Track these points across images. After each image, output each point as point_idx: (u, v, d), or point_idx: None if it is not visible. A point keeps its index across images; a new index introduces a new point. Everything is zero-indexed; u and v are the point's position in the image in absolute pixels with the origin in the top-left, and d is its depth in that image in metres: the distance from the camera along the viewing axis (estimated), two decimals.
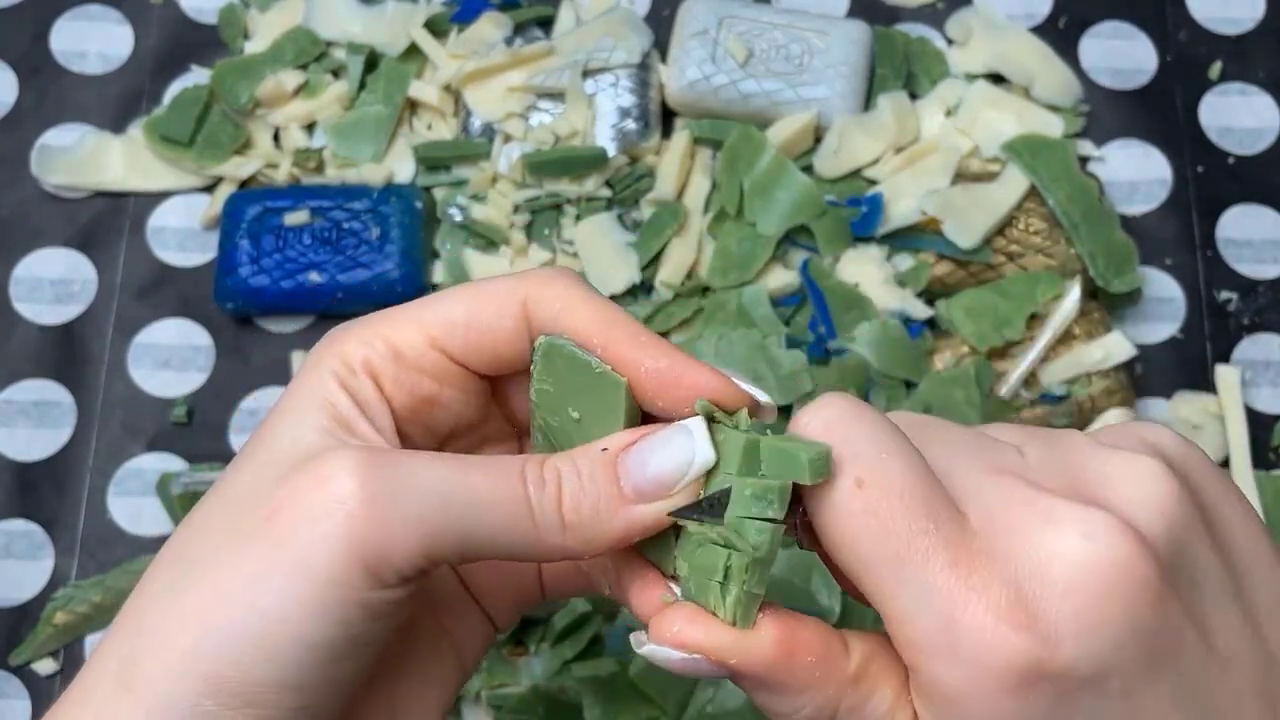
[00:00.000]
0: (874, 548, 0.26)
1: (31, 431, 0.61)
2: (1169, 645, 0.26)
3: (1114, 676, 0.26)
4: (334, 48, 0.66)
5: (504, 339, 0.31)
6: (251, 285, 0.61)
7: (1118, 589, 0.25)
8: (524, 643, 0.57)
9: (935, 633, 0.26)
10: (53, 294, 0.63)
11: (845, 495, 0.27)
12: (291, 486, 0.28)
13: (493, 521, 0.28)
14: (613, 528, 0.28)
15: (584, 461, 0.28)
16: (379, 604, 0.28)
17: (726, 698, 0.55)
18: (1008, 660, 0.25)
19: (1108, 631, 0.25)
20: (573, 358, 0.30)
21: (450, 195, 0.64)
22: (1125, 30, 0.69)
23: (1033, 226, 0.62)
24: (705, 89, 0.64)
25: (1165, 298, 0.64)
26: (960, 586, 0.26)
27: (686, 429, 0.28)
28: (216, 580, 0.28)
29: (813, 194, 0.62)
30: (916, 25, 0.69)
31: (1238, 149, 0.67)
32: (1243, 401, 0.61)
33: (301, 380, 0.30)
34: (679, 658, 0.27)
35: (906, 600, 0.26)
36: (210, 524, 0.29)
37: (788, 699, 0.28)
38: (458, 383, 0.31)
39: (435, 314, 0.31)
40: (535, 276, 0.31)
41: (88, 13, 0.69)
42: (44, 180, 0.65)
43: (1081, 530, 0.26)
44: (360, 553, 0.27)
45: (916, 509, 0.26)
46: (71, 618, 0.57)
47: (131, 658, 0.28)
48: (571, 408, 0.30)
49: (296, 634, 0.27)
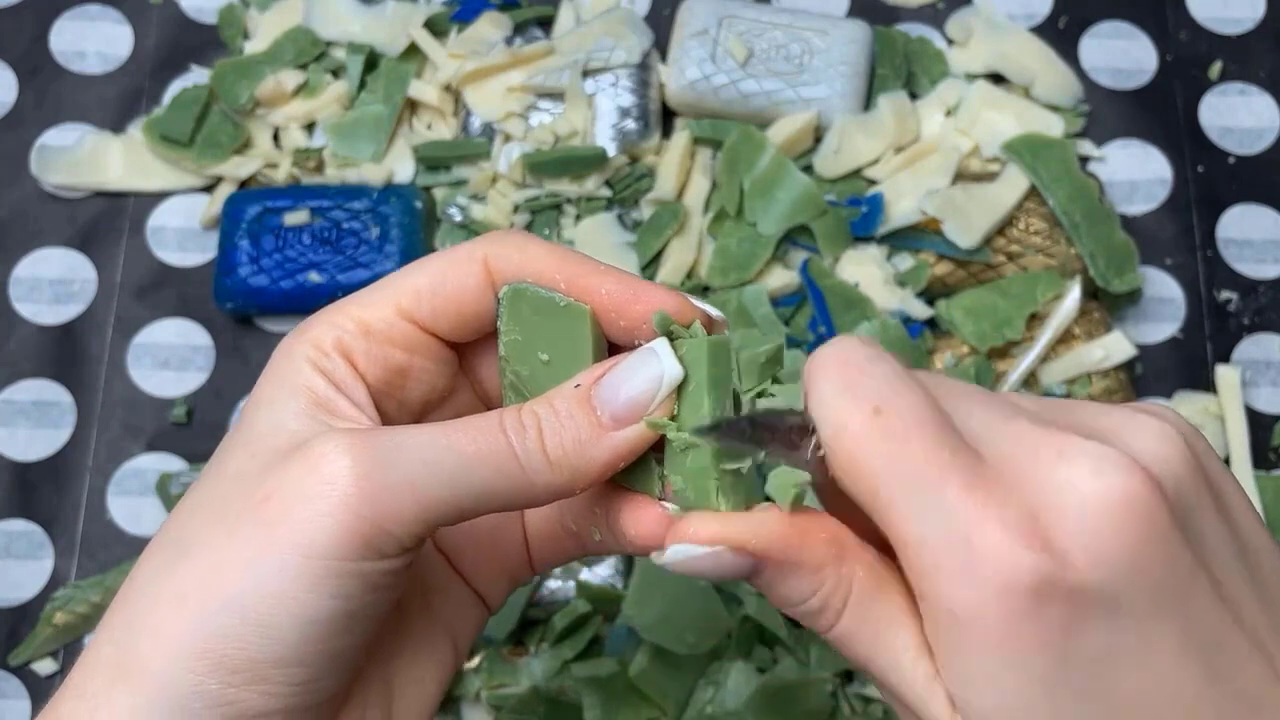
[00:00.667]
0: (890, 473, 0.27)
1: (31, 431, 0.61)
2: (1179, 585, 0.26)
3: (1123, 606, 0.26)
4: (334, 47, 0.66)
5: (470, 299, 0.32)
6: (251, 285, 0.61)
7: (1129, 522, 0.26)
8: (524, 643, 0.57)
9: (950, 553, 0.26)
10: (52, 294, 0.63)
11: (862, 422, 0.27)
12: (282, 473, 0.28)
13: (483, 475, 0.29)
14: (597, 457, 0.29)
15: (560, 401, 0.29)
16: (378, 575, 0.28)
17: (726, 698, 0.55)
18: (1021, 577, 0.25)
19: (1119, 561, 0.26)
20: (536, 297, 0.31)
21: (450, 195, 0.64)
22: (1125, 30, 0.69)
23: (1033, 226, 0.62)
24: (705, 89, 0.64)
25: (1165, 298, 0.64)
26: (975, 508, 0.26)
27: (651, 350, 0.29)
28: (212, 564, 0.28)
29: (813, 194, 0.62)
30: (916, 25, 0.69)
31: (1238, 149, 0.67)
32: (1243, 401, 0.61)
33: (274, 369, 0.31)
34: (702, 552, 0.28)
35: (921, 524, 0.26)
36: (200, 512, 0.29)
37: (804, 579, 0.28)
38: (428, 352, 0.32)
39: (401, 285, 0.32)
40: (491, 235, 0.32)
41: (87, 13, 0.69)
42: (44, 180, 0.65)
43: (1093, 466, 0.26)
44: (358, 526, 0.28)
45: (932, 437, 0.27)
46: (71, 618, 0.57)
47: (128, 644, 0.28)
48: (540, 351, 0.31)
49: (297, 610, 0.27)
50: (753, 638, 0.56)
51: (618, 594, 0.56)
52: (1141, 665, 0.26)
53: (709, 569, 0.28)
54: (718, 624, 0.55)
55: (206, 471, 0.31)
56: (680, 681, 0.55)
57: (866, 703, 0.56)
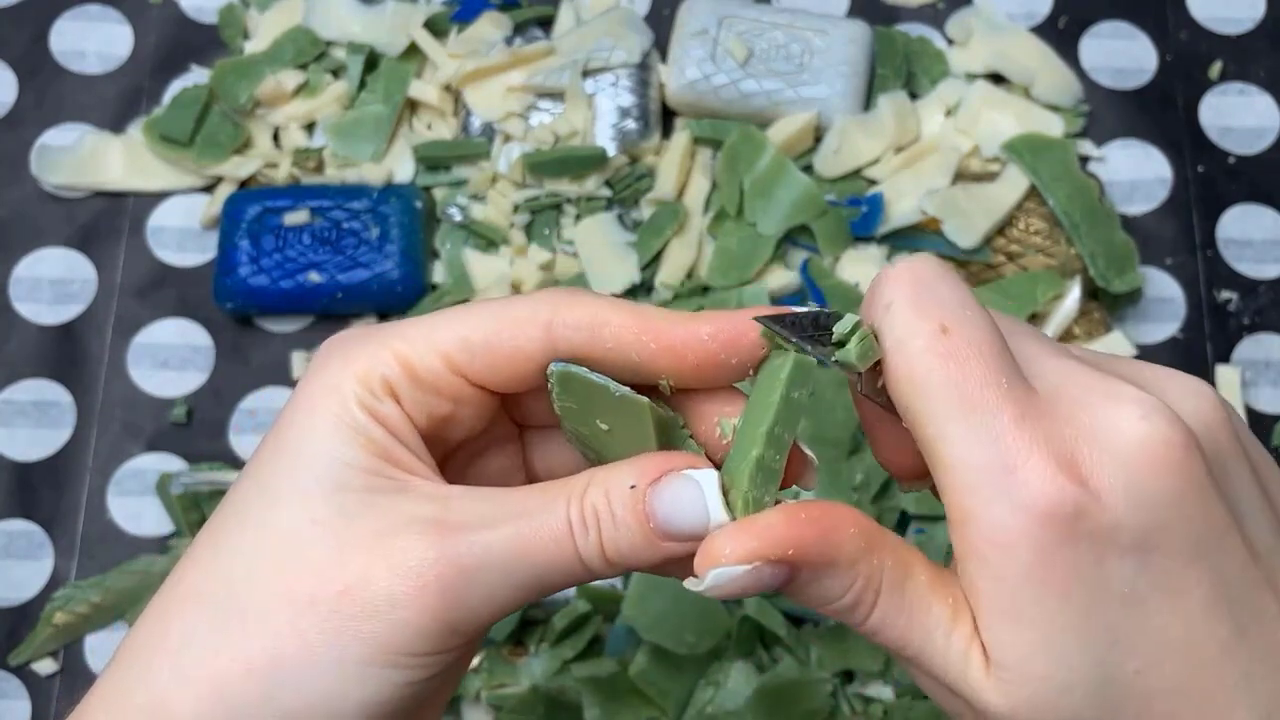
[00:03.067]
0: (947, 393, 0.27)
1: (31, 431, 0.61)
2: (1211, 537, 0.27)
3: (1157, 551, 0.27)
4: (334, 47, 0.66)
5: (525, 362, 0.30)
6: (251, 285, 0.61)
7: (1168, 468, 0.27)
8: (524, 643, 0.57)
9: (993, 477, 0.27)
10: (52, 294, 0.63)
11: (929, 338, 0.27)
12: (361, 566, 0.28)
13: (551, 576, 0.29)
14: (649, 560, 0.29)
15: (616, 499, 0.29)
16: (447, 660, 0.29)
17: (726, 698, 0.55)
18: (1059, 506, 0.26)
19: (1155, 505, 0.27)
20: (588, 383, 0.30)
21: (450, 195, 0.64)
22: (1125, 30, 0.69)
23: (1033, 226, 0.62)
24: (705, 89, 0.64)
25: (1165, 298, 0.64)
26: (1023, 437, 0.27)
27: (696, 484, 0.29)
28: (279, 640, 0.28)
29: (813, 194, 0.62)
30: (916, 25, 0.69)
31: (1238, 149, 0.67)
32: (1243, 401, 0.61)
33: (319, 402, 0.30)
34: (741, 572, 0.27)
35: (969, 445, 0.27)
36: (256, 573, 0.28)
37: (839, 578, 0.28)
38: (473, 401, 0.31)
39: (450, 335, 0.30)
40: (558, 296, 0.30)
41: (87, 13, 0.69)
42: (44, 180, 0.65)
43: (1139, 411, 0.27)
44: (436, 629, 0.28)
45: (992, 363, 0.27)
46: (71, 618, 0.57)
47: (173, 696, 0.28)
48: (599, 420, 0.30)
49: (367, 697, 0.28)
50: (753, 638, 0.56)
51: (618, 594, 0.56)
52: (1171, 609, 0.27)
53: (749, 586, 0.28)
54: (718, 624, 0.55)
55: (247, 510, 0.29)
56: (680, 681, 0.55)
57: (867, 703, 0.56)
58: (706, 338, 0.29)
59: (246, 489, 0.30)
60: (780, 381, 0.29)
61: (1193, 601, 0.27)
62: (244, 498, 0.30)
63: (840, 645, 0.56)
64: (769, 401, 0.29)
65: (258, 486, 0.29)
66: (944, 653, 0.28)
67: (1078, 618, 0.27)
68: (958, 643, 0.28)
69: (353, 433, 0.29)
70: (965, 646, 0.28)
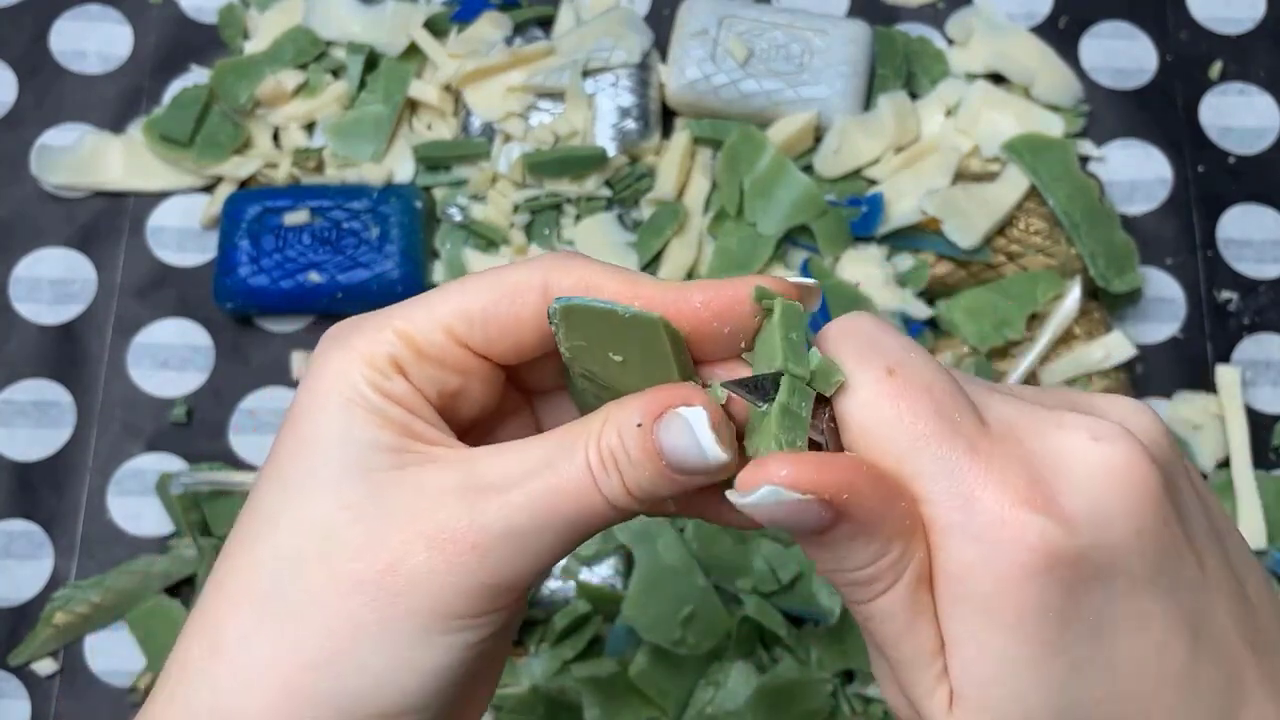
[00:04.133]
0: (901, 432, 0.27)
1: (31, 431, 0.61)
2: (1171, 556, 0.27)
3: (1121, 575, 0.26)
4: (334, 47, 0.66)
5: (526, 328, 0.30)
6: (251, 285, 0.61)
7: (1127, 488, 0.26)
8: (524, 643, 0.57)
9: (955, 510, 0.26)
10: (52, 294, 0.63)
11: (876, 382, 0.27)
12: (401, 542, 0.28)
13: (584, 522, 0.29)
14: (671, 494, 0.29)
15: (628, 439, 0.28)
16: (500, 618, 0.29)
17: (726, 698, 0.55)
18: (1023, 538, 0.26)
19: (1118, 527, 0.26)
20: (595, 312, 0.29)
21: (450, 195, 0.64)
22: (1125, 30, 0.69)
23: (1033, 226, 0.62)
24: (705, 89, 0.64)
25: (1165, 298, 0.64)
26: (980, 468, 0.26)
27: (687, 422, 0.28)
28: (334, 629, 0.28)
29: (813, 194, 0.62)
30: (916, 25, 0.69)
31: (1238, 149, 0.67)
32: (1243, 401, 0.61)
33: (331, 391, 0.29)
34: (793, 499, 0.26)
35: (929, 480, 0.27)
36: (298, 568, 0.28)
37: (874, 546, 0.27)
38: (480, 372, 0.31)
39: (449, 307, 0.30)
40: (552, 259, 0.30)
41: (87, 13, 0.69)
42: (44, 180, 0.65)
43: (1091, 433, 0.27)
44: (484, 592, 0.28)
45: (943, 400, 0.27)
46: (71, 618, 0.57)
47: (237, 698, 0.28)
48: (611, 353, 0.30)
49: (427, 666, 0.28)
50: (753, 638, 0.56)
51: (618, 594, 0.56)
52: (1137, 633, 0.27)
53: (792, 516, 0.27)
54: (718, 624, 0.55)
55: (276, 507, 0.29)
56: (680, 681, 0.55)
57: (866, 703, 0.56)
58: (699, 305, 0.29)
59: (270, 488, 0.30)
60: (775, 326, 0.28)
61: (1155, 623, 0.27)
62: (269, 497, 0.29)
63: (840, 645, 0.56)
64: (774, 351, 0.28)
65: (281, 483, 0.29)
66: (922, 671, 0.28)
67: (1040, 649, 0.26)
68: (933, 671, 0.28)
69: (367, 414, 0.29)
70: (937, 676, 0.28)
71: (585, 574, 0.57)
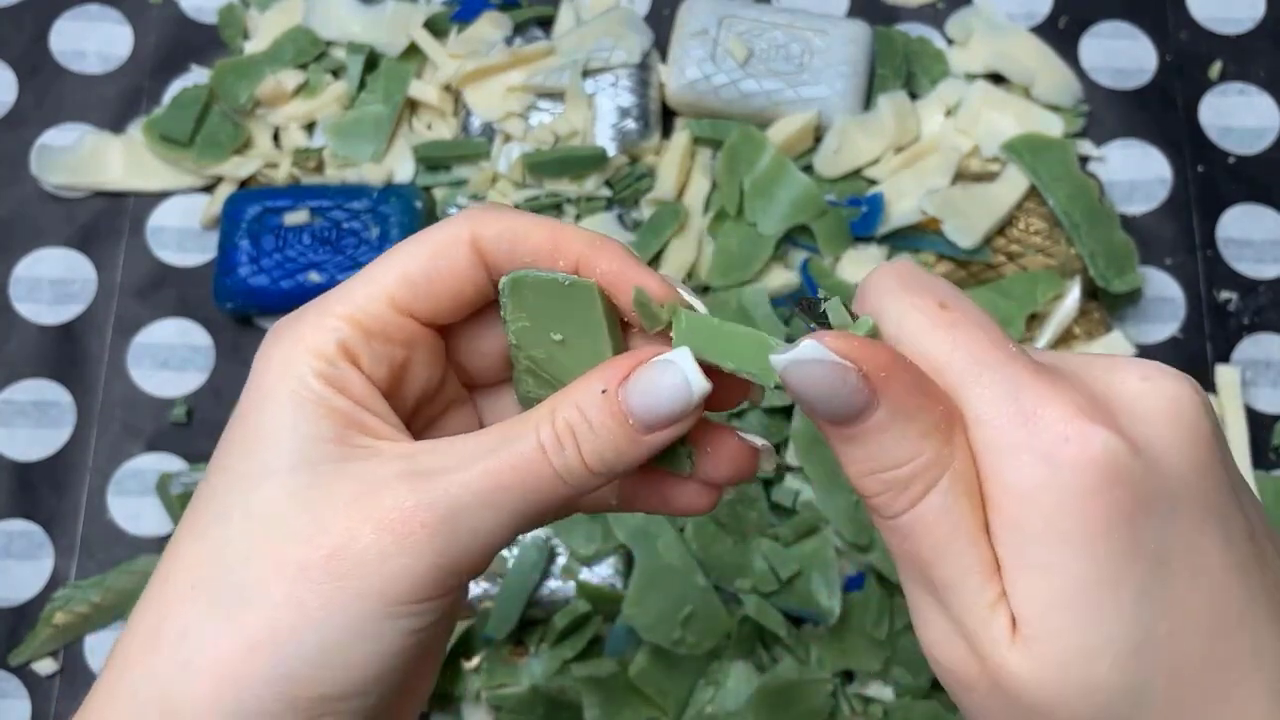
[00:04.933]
0: (957, 356, 0.27)
1: (31, 431, 0.61)
2: (1225, 500, 0.27)
3: (1180, 509, 0.26)
4: (334, 47, 0.66)
5: (464, 283, 0.31)
6: (251, 285, 0.61)
7: (1183, 424, 0.26)
8: (524, 643, 0.57)
9: (1017, 428, 0.26)
10: (52, 294, 0.63)
11: (930, 313, 0.28)
12: (346, 528, 0.28)
13: (534, 501, 0.29)
14: (635, 458, 0.29)
15: (589, 408, 0.29)
16: (448, 603, 0.29)
17: (726, 698, 0.55)
18: (1087, 452, 0.25)
19: (1175, 459, 0.26)
20: (538, 281, 0.30)
21: (450, 195, 0.64)
22: (1125, 30, 0.69)
23: (1033, 226, 0.62)
24: (705, 89, 0.64)
25: (1165, 298, 0.64)
26: (1043, 386, 0.26)
27: (675, 365, 0.29)
28: (279, 613, 0.28)
29: (813, 194, 0.62)
30: (916, 25, 0.69)
31: (1238, 149, 0.67)
32: (1243, 401, 0.61)
33: (272, 384, 0.30)
34: (833, 360, 0.26)
35: (988, 402, 0.27)
36: (248, 557, 0.29)
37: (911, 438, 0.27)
38: (423, 342, 0.32)
39: (389, 276, 0.30)
40: (471, 213, 0.31)
41: (87, 13, 0.69)
42: (44, 180, 0.65)
43: (1142, 373, 0.27)
44: (433, 575, 0.28)
45: (995, 331, 0.28)
46: (71, 618, 0.57)
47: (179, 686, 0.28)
48: (552, 331, 0.31)
49: (375, 649, 0.28)
50: (753, 638, 0.56)
51: (618, 594, 0.56)
52: (1193, 572, 0.26)
53: (829, 381, 0.26)
54: (717, 624, 0.55)
55: (224, 499, 0.29)
56: (680, 681, 0.55)
57: (866, 703, 0.56)
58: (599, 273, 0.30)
59: (218, 480, 0.30)
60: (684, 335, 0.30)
61: (1213, 564, 0.26)
62: (217, 488, 0.30)
63: (840, 645, 0.56)
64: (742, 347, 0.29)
65: (229, 475, 0.30)
66: (972, 600, 0.27)
67: (1109, 570, 0.25)
68: (989, 594, 0.27)
69: (313, 406, 0.29)
70: (994, 600, 0.27)
71: (585, 574, 0.57)
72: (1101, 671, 0.26)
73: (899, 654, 0.56)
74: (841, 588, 0.56)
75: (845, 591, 0.56)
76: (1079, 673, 0.26)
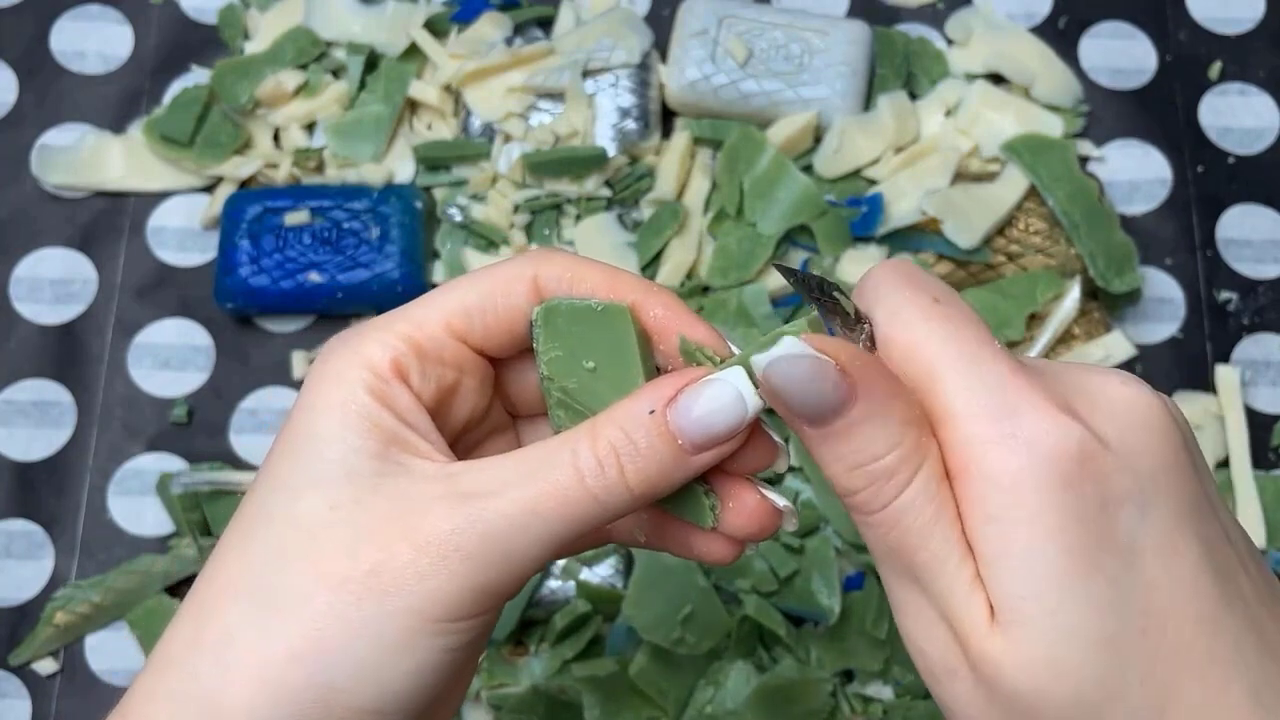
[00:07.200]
0: (945, 349, 0.28)
1: (31, 431, 0.61)
2: (1198, 503, 0.28)
3: (1152, 504, 0.27)
4: (334, 48, 0.66)
5: (520, 315, 0.32)
6: (251, 285, 0.61)
7: (1155, 428, 0.28)
8: (524, 643, 0.57)
9: (997, 421, 0.27)
10: (53, 294, 0.63)
11: (923, 306, 0.29)
12: (385, 545, 0.29)
13: (571, 526, 0.29)
14: (679, 479, 0.30)
15: (635, 430, 0.29)
16: (485, 623, 0.30)
17: (726, 698, 0.55)
18: (1064, 445, 0.26)
19: (1148, 460, 0.27)
20: (571, 309, 0.31)
21: (450, 195, 0.64)
22: (1125, 30, 0.69)
23: (1033, 226, 0.62)
24: (705, 89, 0.64)
25: (1165, 298, 0.64)
26: (1024, 383, 0.27)
27: (730, 384, 0.29)
28: (322, 625, 0.28)
29: (813, 194, 0.62)
30: (916, 25, 0.69)
31: (1238, 149, 0.67)
32: (1243, 401, 0.61)
33: (327, 393, 0.30)
34: (812, 354, 0.27)
35: (969, 394, 0.28)
36: (288, 564, 0.29)
37: (891, 429, 0.28)
38: (475, 370, 0.33)
39: (450, 303, 0.32)
40: (539, 254, 0.32)
41: (88, 13, 0.69)
42: (44, 180, 0.65)
43: (1121, 379, 0.28)
44: (469, 596, 0.29)
45: (983, 332, 0.29)
46: (71, 618, 0.57)
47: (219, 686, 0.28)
48: (585, 360, 0.31)
49: (412, 666, 0.29)
50: (753, 638, 0.56)
51: (618, 594, 0.56)
52: (1167, 569, 0.27)
53: (811, 376, 0.27)
54: (718, 624, 0.55)
55: (269, 505, 0.30)
56: (680, 681, 0.55)
57: (866, 703, 0.56)
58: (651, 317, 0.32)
59: (264, 487, 0.30)
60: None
61: (1186, 564, 0.27)
62: (263, 495, 0.30)
63: (840, 645, 0.56)
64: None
65: (274, 483, 0.30)
66: (952, 583, 0.28)
67: (1081, 560, 0.26)
68: (968, 577, 0.27)
69: (359, 419, 0.30)
70: (973, 584, 0.27)
71: (585, 574, 0.57)
72: (1074, 658, 0.26)
73: (899, 653, 0.56)
74: (841, 587, 0.56)
75: (845, 591, 0.56)
76: (1052, 658, 0.26)
